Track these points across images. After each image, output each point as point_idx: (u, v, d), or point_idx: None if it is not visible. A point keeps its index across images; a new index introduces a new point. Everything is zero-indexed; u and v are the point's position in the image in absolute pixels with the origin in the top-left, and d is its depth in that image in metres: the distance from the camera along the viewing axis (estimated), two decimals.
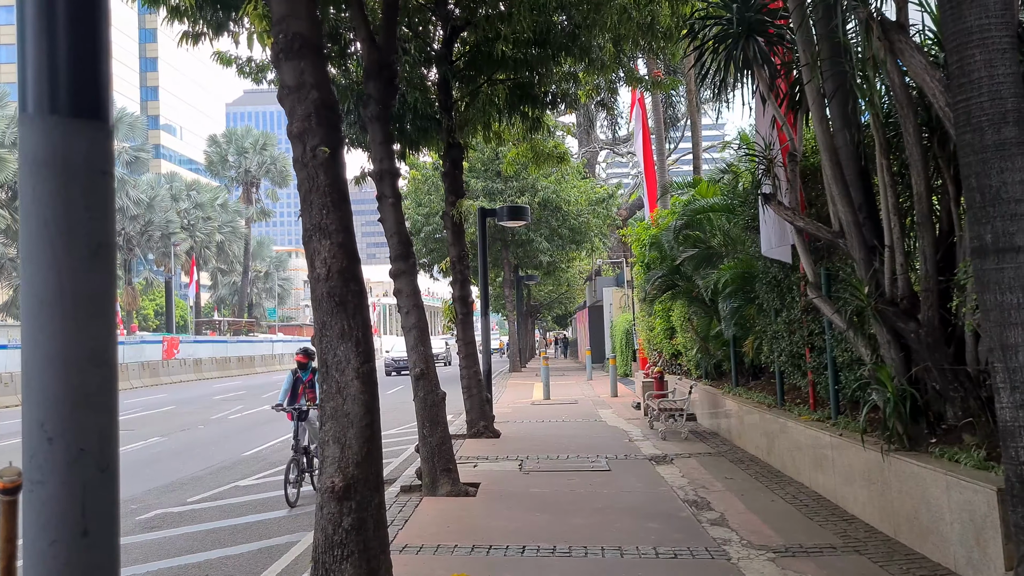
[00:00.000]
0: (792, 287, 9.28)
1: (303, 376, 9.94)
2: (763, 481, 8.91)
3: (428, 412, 8.84)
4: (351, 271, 4.58)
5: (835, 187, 6.79)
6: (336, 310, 4.49)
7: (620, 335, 28.65)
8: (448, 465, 8.70)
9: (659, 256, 14.25)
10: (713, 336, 12.83)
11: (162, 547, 7.54)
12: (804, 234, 7.80)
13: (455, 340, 13.66)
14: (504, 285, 36.61)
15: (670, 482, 9.07)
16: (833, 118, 7.09)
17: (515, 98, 13.56)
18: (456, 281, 13.53)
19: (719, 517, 7.34)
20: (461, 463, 10.56)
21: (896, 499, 6.21)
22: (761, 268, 10.08)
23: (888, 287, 6.49)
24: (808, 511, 7.42)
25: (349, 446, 4.30)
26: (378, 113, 9.32)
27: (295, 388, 9.92)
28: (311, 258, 4.61)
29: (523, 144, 15.72)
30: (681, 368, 16.99)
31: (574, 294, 56.88)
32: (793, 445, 8.88)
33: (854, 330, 7.03)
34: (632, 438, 12.73)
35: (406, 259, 9.15)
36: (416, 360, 8.94)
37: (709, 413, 13.50)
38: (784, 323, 9.43)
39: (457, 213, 13.38)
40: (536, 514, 7.63)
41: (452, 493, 8.49)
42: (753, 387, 12.00)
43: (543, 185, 31.73)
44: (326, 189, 4.61)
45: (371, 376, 4.49)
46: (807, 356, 9.01)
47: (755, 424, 10.47)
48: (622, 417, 15.82)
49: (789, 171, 7.74)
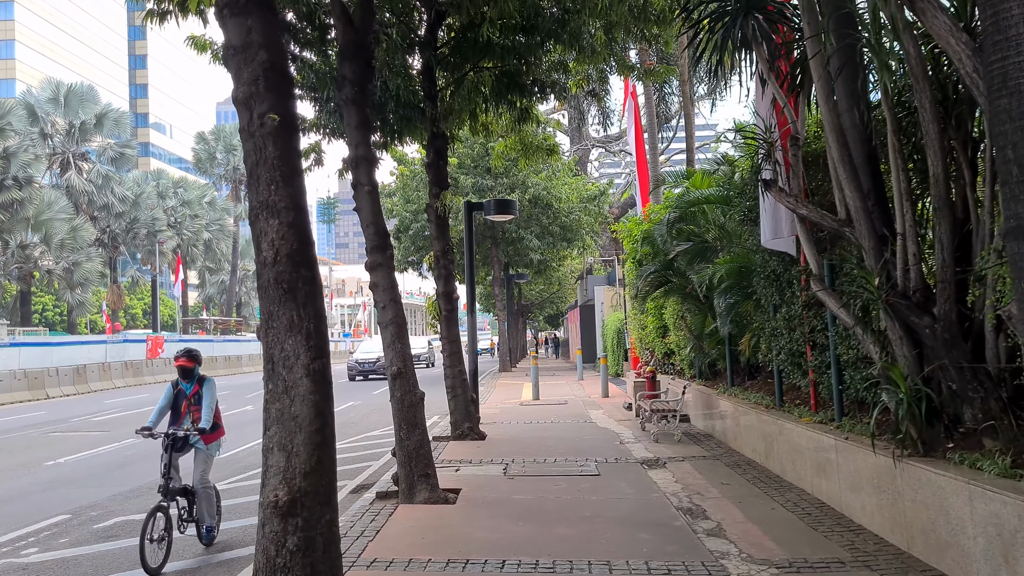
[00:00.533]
0: (792, 281, 8.77)
1: (186, 388, 7.21)
2: (762, 487, 8.38)
3: (405, 413, 8.29)
4: (302, 254, 4.03)
5: (842, 170, 6.27)
6: (284, 298, 3.94)
7: (611, 334, 28.14)
8: (426, 470, 8.14)
9: (651, 251, 13.73)
10: (708, 334, 12.31)
11: (115, 559, 6.96)
12: (807, 223, 7.28)
13: (440, 339, 13.09)
14: (494, 284, 36.05)
15: (663, 488, 8.54)
16: (840, 97, 6.57)
17: (502, 86, 13.02)
18: (440, 276, 12.98)
19: (716, 527, 6.82)
20: (442, 467, 10.02)
21: (910, 509, 5.70)
22: (759, 262, 9.56)
23: (900, 279, 5.97)
24: (811, 520, 6.89)
25: (296, 454, 3.74)
26: (354, 96, 8.77)
27: (176, 405, 7.20)
28: (257, 240, 4.06)
29: (511, 136, 15.15)
30: (674, 367, 16.47)
31: (565, 293, 56.37)
32: (793, 449, 8.36)
33: (862, 326, 6.51)
34: (623, 440, 12.20)
35: (383, 251, 8.59)
36: (393, 358, 8.39)
37: (703, 414, 12.99)
38: (784, 319, 8.91)
39: (441, 205, 12.83)
40: (519, 523, 7.09)
41: (430, 500, 7.94)
42: (749, 387, 11.49)
43: (533, 182, 31.19)
44: (275, 162, 4.06)
45: (323, 374, 3.94)
46: (808, 354, 8.50)
47: (752, 426, 9.96)
48: (613, 418, 15.29)
49: (791, 155, 7.22)
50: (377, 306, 8.61)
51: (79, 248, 45.58)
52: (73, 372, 31.51)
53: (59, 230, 43.12)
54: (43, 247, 41.60)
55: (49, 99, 47.58)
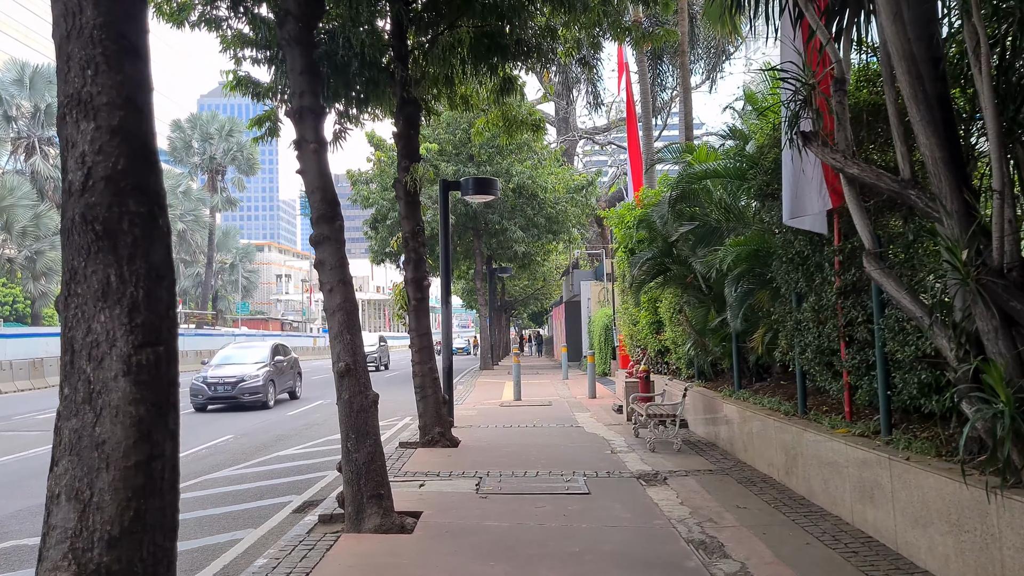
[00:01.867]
0: (824, 264, 7.31)
1: None
2: (787, 512, 6.91)
3: (354, 420, 6.76)
4: (134, 177, 2.51)
5: (917, 111, 4.80)
6: (96, 247, 2.42)
7: (599, 331, 26.66)
8: (379, 490, 6.61)
9: (648, 236, 12.25)
10: (711, 329, 10.84)
11: None
12: (855, 187, 5.81)
13: (408, 332, 11.55)
14: (476, 278, 34.50)
15: (666, 511, 7.06)
16: (908, 22, 5.09)
17: (482, 47, 11.46)
18: (409, 261, 11.45)
19: (740, 570, 5.34)
20: (404, 481, 8.50)
21: (1011, 559, 4.24)
22: (780, 243, 8.10)
23: (996, 253, 4.51)
24: (861, 562, 5.43)
25: (98, 506, 2.22)
26: (297, 34, 7.24)
27: None
28: (63, 155, 2.53)
29: (493, 110, 13.59)
30: (668, 367, 15.02)
31: (550, 290, 54.90)
32: (824, 465, 6.90)
33: (929, 315, 5.04)
34: (615, 449, 10.71)
35: (331, 221, 7.06)
36: (341, 352, 6.86)
37: (704, 419, 11.53)
38: (811, 310, 7.45)
39: (411, 180, 11.29)
40: (490, 563, 5.58)
41: (382, 528, 6.41)
42: (759, 390, 10.05)
43: (518, 170, 29.66)
44: (94, 32, 2.53)
45: (155, 371, 2.41)
46: (843, 352, 7.05)
47: (767, 436, 8.50)
48: (602, 423, 13.80)
49: (836, 103, 5.74)
50: (323, 288, 7.07)
51: (42, 236, 43.51)
52: (28, 366, 29.67)
53: (21, 217, 41.05)
54: (4, 235, 39.61)
55: (14, 80, 45.46)
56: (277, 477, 10.13)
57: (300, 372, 23.30)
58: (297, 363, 23.17)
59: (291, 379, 22.35)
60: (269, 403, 19.66)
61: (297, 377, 22.88)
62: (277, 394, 20.67)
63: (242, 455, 12.18)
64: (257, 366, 20.12)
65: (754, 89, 11.33)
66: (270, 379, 20.05)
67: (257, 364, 20.26)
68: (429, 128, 29.25)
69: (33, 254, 43.17)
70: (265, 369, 20.10)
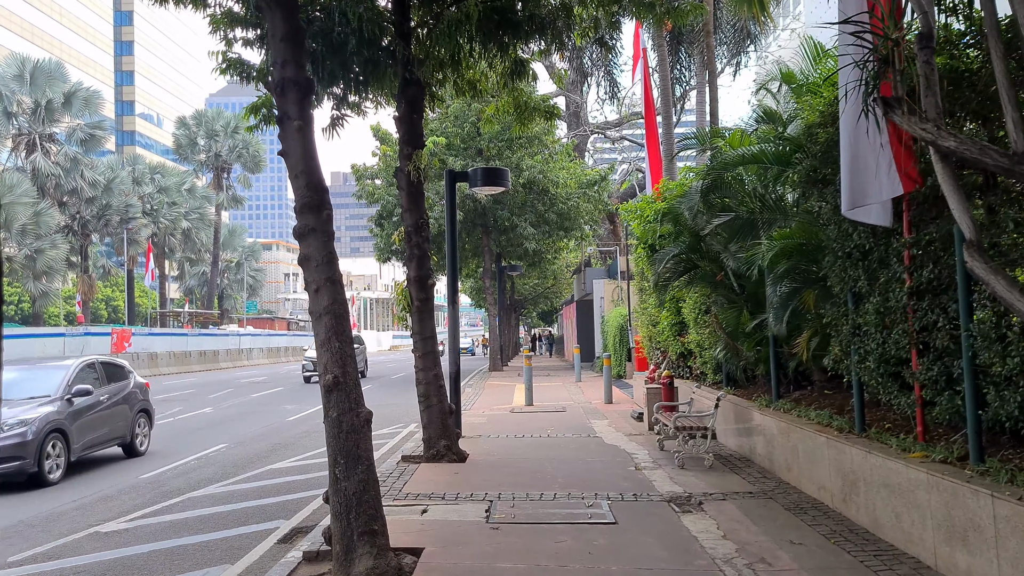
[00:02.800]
0: (890, 260, 6.29)
1: None
2: (851, 551, 5.88)
3: (343, 442, 5.76)
4: None
5: None
6: None
7: (613, 331, 25.63)
8: (372, 525, 5.62)
9: (673, 231, 11.22)
10: (746, 332, 9.80)
11: None
12: (949, 163, 4.78)
13: (411, 335, 10.57)
14: (484, 276, 33.51)
15: (708, 547, 6.05)
16: None
17: (491, 24, 10.44)
18: (412, 258, 10.47)
19: None
20: (404, 505, 7.53)
21: None
22: (834, 235, 7.07)
23: None
24: None
25: None
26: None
27: None
28: None
29: (503, 96, 12.59)
30: (691, 371, 13.99)
31: (560, 288, 53.90)
32: (896, 495, 5.88)
33: None
34: (639, 465, 9.70)
35: (317, 211, 6.07)
36: (328, 363, 5.86)
37: (736, 430, 10.51)
38: (875, 313, 6.42)
39: (414, 169, 10.32)
40: None
41: (374, 571, 5.41)
42: (799, 399, 9.02)
43: (528, 165, 28.69)
44: None
45: None
46: (914, 362, 6.02)
47: (817, 455, 7.47)
48: (621, 432, 12.79)
49: (923, 62, 4.72)
50: (308, 288, 6.08)
51: (43, 235, 42.69)
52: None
53: (20, 215, 40.19)
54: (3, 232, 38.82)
55: (14, 76, 44.55)
56: (267, 496, 9.17)
57: (150, 410, 13.25)
58: (146, 392, 13.29)
59: (122, 421, 12.25)
60: (46, 473, 10.13)
61: (140, 418, 12.78)
62: (79, 452, 11.07)
63: (233, 468, 11.22)
64: (29, 406, 10.57)
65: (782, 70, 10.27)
66: (54, 430, 10.44)
67: (32, 402, 10.68)
68: (436, 121, 28.31)
69: (33, 252, 42.39)
70: (43, 410, 10.51)
